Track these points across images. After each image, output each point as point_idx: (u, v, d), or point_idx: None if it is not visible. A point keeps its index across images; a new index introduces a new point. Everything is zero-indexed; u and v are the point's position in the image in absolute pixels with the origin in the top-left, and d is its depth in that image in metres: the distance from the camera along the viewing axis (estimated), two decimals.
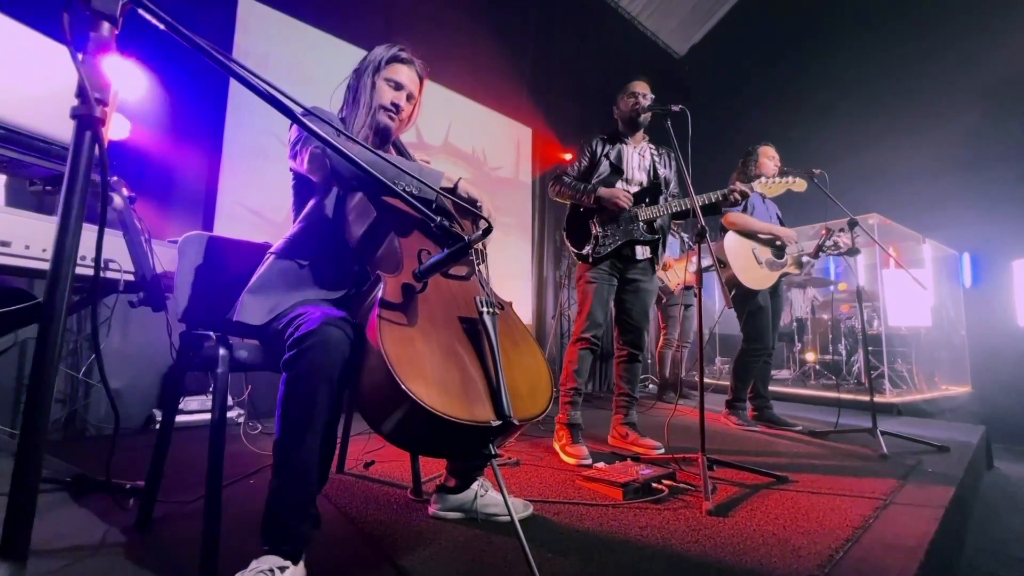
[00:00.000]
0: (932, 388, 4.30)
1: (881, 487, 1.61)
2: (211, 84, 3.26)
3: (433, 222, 0.78)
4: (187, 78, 3.13)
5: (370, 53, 1.29)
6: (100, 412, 2.70)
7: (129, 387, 2.75)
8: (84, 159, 0.53)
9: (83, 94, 0.52)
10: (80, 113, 0.53)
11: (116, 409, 0.85)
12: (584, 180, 2.10)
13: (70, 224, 0.52)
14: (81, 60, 0.52)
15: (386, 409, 0.82)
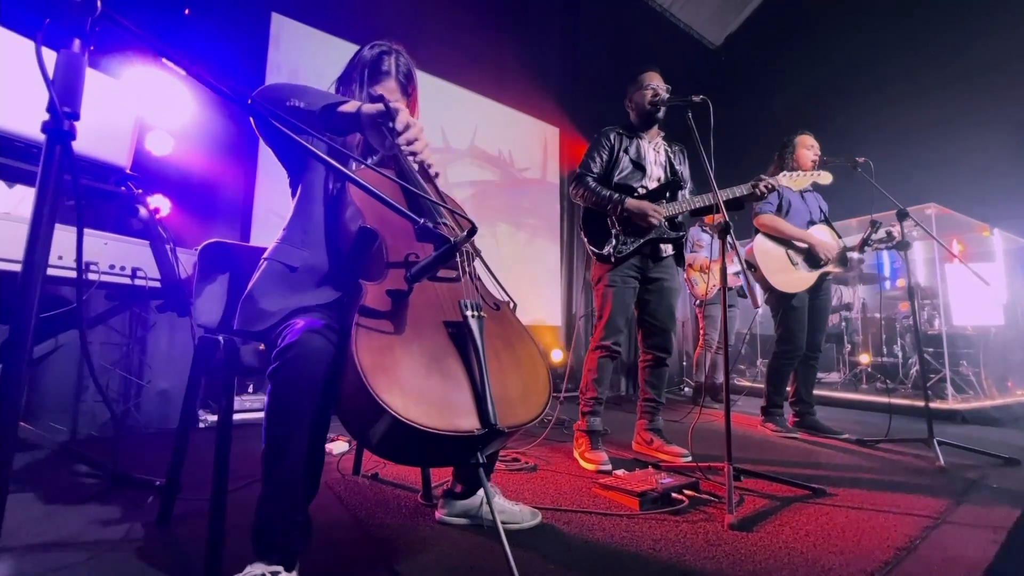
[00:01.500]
0: (1004, 393, 3.90)
1: (934, 504, 1.46)
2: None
3: (416, 223, 0.76)
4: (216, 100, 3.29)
5: (354, 58, 1.26)
6: (151, 411, 2.86)
7: (175, 388, 2.90)
8: (54, 172, 0.54)
9: (53, 108, 0.53)
10: (50, 128, 0.54)
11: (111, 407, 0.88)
12: (606, 177, 2.03)
13: (40, 234, 0.53)
14: (52, 76, 0.54)
15: (364, 420, 0.81)
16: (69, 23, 0.54)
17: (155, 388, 2.86)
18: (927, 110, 5.03)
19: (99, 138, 1.22)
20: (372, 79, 1.23)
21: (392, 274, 0.94)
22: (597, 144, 2.10)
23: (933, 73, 5.04)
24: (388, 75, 1.23)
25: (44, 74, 0.52)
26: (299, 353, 0.82)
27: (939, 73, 4.99)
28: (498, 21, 4.86)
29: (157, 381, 2.86)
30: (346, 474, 1.60)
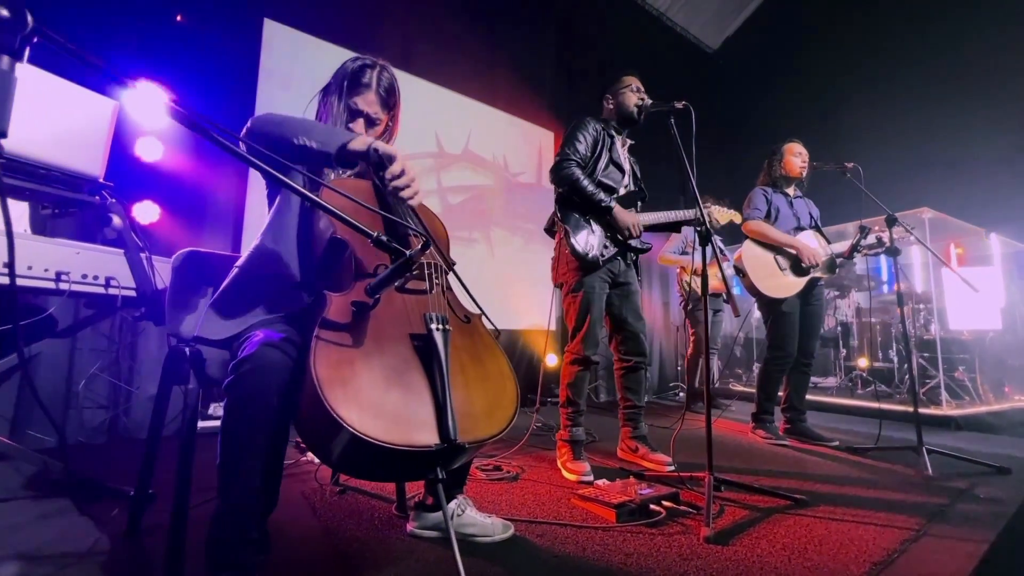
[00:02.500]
0: (1001, 399, 3.86)
1: (917, 515, 1.44)
2: (238, 105, 3.42)
3: (370, 237, 0.75)
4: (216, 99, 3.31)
5: (337, 70, 1.27)
6: (141, 417, 2.85)
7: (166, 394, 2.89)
8: None
9: None
10: None
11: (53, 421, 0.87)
12: (590, 170, 1.97)
13: None
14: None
15: (322, 435, 0.80)
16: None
17: (145, 393, 2.85)
18: (924, 114, 5.02)
19: (70, 147, 1.22)
20: (351, 91, 1.22)
21: (358, 285, 0.93)
22: (581, 128, 2.01)
23: (930, 77, 5.03)
24: (368, 87, 1.22)
25: None
26: (254, 367, 0.82)
27: (936, 77, 4.98)
28: (492, 26, 4.87)
29: (147, 386, 2.85)
30: (324, 483, 1.59)
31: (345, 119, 1.21)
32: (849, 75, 5.84)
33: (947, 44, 4.96)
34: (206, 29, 3.33)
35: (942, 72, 4.96)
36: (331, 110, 1.23)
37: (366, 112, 1.21)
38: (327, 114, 1.24)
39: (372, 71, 1.24)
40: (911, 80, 5.20)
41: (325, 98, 1.27)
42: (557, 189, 2.01)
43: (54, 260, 1.22)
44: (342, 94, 1.23)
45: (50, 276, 1.22)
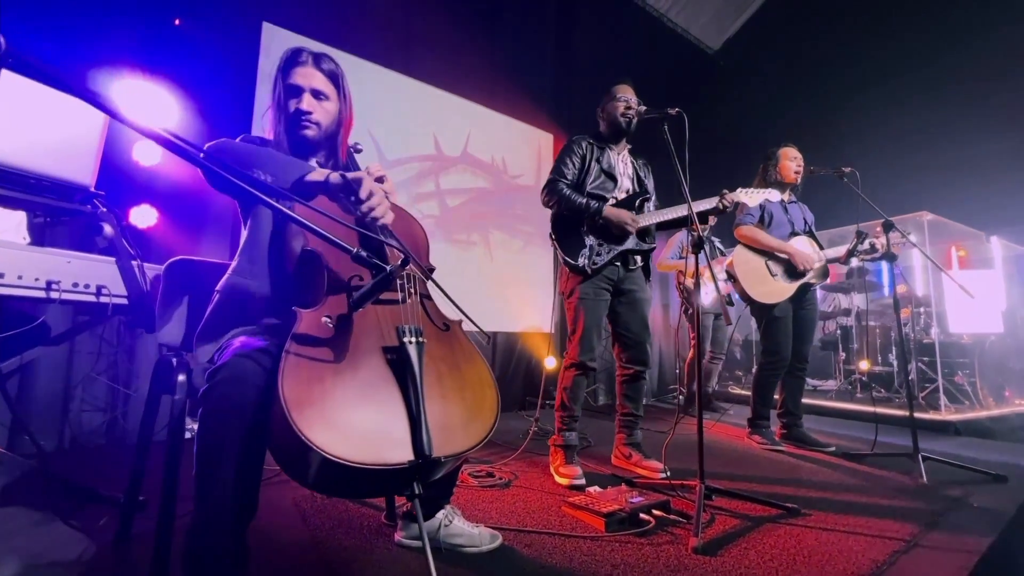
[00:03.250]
0: (1001, 403, 3.84)
1: (908, 525, 1.43)
2: (236, 109, 3.43)
3: (350, 253, 0.75)
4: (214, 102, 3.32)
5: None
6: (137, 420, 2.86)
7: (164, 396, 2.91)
8: None
9: None
10: None
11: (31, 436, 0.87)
12: (578, 186, 2.02)
13: None
14: None
15: (292, 456, 0.79)
16: None
17: (142, 396, 2.86)
18: (925, 116, 4.99)
19: (61, 157, 1.23)
20: (288, 70, 1.19)
21: (331, 300, 0.93)
22: (569, 151, 2.08)
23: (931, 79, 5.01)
24: (304, 63, 1.19)
25: None
26: (228, 376, 0.82)
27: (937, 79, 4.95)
28: (491, 27, 4.86)
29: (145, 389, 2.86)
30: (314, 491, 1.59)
31: (285, 101, 1.16)
32: (850, 77, 5.81)
33: (947, 45, 4.94)
34: (204, 33, 3.33)
35: (943, 74, 4.93)
36: (276, 101, 1.19)
37: (309, 86, 1.16)
38: (274, 107, 1.20)
39: (307, 53, 1.21)
40: (912, 82, 5.17)
41: (272, 95, 1.22)
42: (550, 208, 2.05)
43: (45, 269, 1.22)
44: (282, 79, 1.19)
45: (40, 285, 1.22)
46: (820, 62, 6.19)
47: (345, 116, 1.24)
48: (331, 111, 1.20)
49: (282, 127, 1.18)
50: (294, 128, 1.17)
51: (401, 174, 4.21)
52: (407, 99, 4.28)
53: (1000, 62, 4.61)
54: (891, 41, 5.44)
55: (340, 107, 1.22)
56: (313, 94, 1.17)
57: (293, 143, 1.18)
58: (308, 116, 1.16)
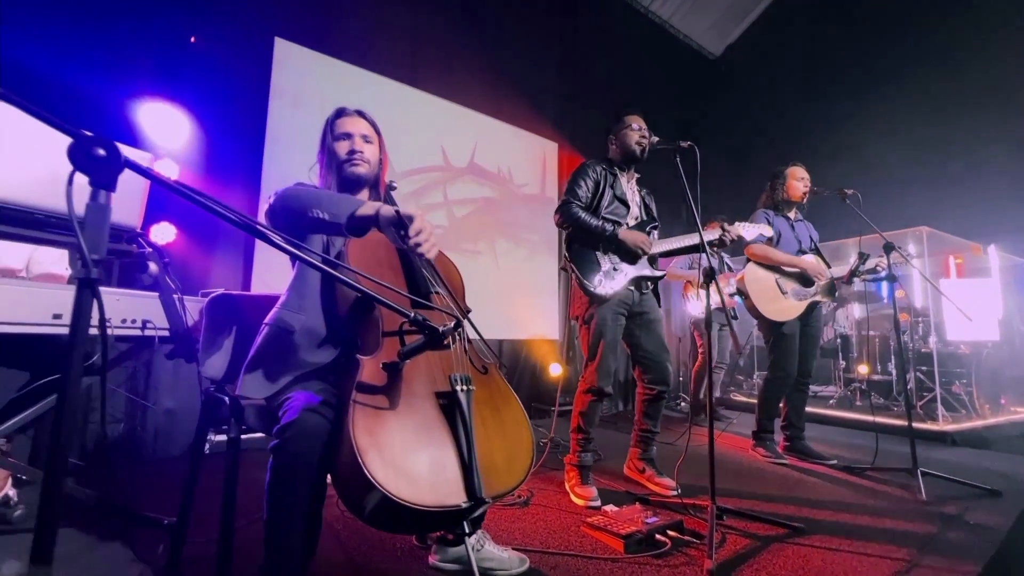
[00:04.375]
0: (998, 412, 3.94)
1: (910, 545, 1.52)
2: (249, 124, 3.49)
3: (407, 318, 0.83)
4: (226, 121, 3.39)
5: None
6: (157, 431, 2.94)
7: (181, 408, 2.99)
8: (85, 314, 0.61)
9: (83, 259, 0.60)
10: (81, 277, 0.61)
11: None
12: (593, 209, 2.06)
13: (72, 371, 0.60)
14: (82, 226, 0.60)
15: (358, 494, 0.87)
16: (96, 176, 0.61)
17: (161, 408, 2.94)
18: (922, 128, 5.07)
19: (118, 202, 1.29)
20: (336, 122, 1.36)
21: (387, 345, 1.01)
22: (582, 174, 2.10)
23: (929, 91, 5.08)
24: (350, 114, 1.37)
25: (75, 227, 0.59)
26: (297, 433, 0.89)
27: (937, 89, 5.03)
28: (497, 38, 4.92)
29: (163, 401, 2.94)
30: (346, 510, 1.67)
31: (335, 146, 1.33)
32: (849, 85, 5.89)
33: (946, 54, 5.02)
34: (219, 50, 3.39)
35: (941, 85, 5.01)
36: (325, 149, 1.36)
37: (357, 132, 1.34)
38: (323, 154, 1.37)
39: (351, 108, 1.39)
40: (911, 91, 5.25)
41: (321, 147, 1.39)
42: (564, 229, 2.09)
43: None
44: (330, 130, 1.36)
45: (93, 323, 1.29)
46: (820, 70, 6.27)
47: (383, 157, 1.40)
48: (375, 152, 1.37)
49: (333, 170, 1.32)
50: (346, 167, 1.31)
51: (409, 185, 4.27)
52: (415, 111, 4.34)
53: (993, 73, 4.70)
54: (891, 51, 5.52)
55: (380, 150, 1.39)
56: (363, 138, 1.33)
57: (343, 182, 1.32)
58: (359, 154, 1.31)
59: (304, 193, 1.11)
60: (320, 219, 1.04)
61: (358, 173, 1.32)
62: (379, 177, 1.39)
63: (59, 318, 1.23)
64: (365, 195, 1.39)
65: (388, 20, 4.24)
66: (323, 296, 1.17)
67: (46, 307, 1.20)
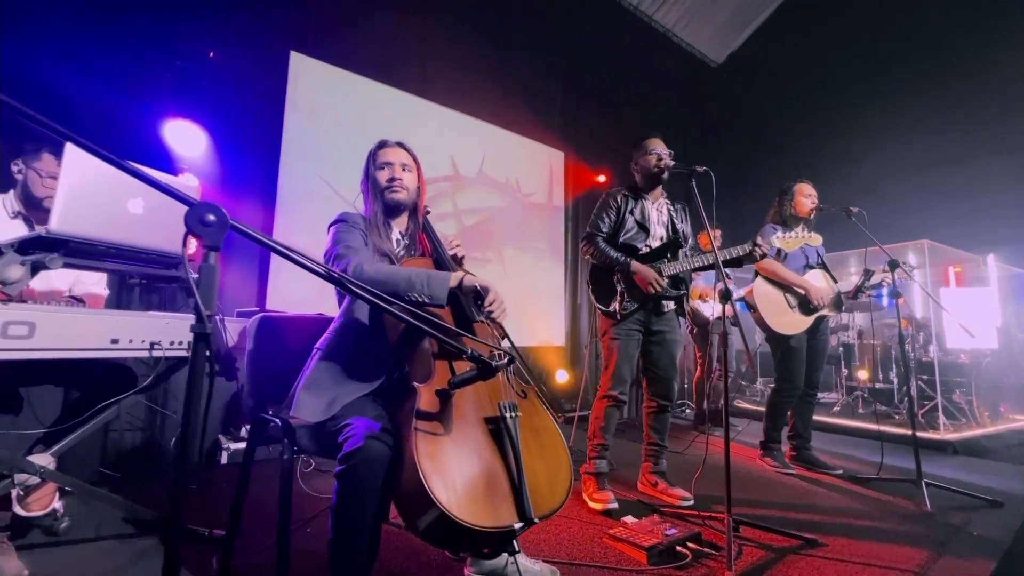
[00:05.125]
0: (997, 420, 4.02)
1: (916, 556, 1.59)
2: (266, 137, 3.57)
3: (465, 354, 0.90)
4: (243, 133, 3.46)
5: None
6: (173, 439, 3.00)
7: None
8: (200, 363, 0.68)
9: (198, 314, 0.67)
10: (197, 331, 0.68)
11: None
12: (613, 237, 2.16)
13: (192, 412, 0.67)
14: (197, 283, 0.67)
15: (420, 514, 0.94)
16: (208, 239, 0.68)
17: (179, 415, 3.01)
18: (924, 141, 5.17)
19: (166, 232, 1.37)
20: (377, 154, 1.45)
21: (439, 372, 1.08)
22: (605, 206, 2.24)
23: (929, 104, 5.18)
24: (390, 145, 1.47)
25: (192, 287, 0.66)
26: (363, 459, 0.96)
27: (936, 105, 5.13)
28: (504, 49, 5.00)
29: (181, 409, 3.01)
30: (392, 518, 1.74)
31: (377, 175, 1.42)
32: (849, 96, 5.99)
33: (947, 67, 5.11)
34: (236, 64, 3.46)
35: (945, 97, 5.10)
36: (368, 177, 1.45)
37: (398, 161, 1.43)
38: (367, 183, 1.46)
39: (392, 140, 1.48)
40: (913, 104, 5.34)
41: (364, 176, 1.48)
42: (588, 258, 2.24)
43: (148, 332, 1.36)
44: (373, 161, 1.46)
45: (145, 347, 1.36)
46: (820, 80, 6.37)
47: (421, 184, 1.50)
48: (414, 179, 1.46)
49: (376, 196, 1.41)
50: (386, 193, 1.41)
51: None
52: (426, 121, 4.41)
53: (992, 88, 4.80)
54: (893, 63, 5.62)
55: (418, 177, 1.48)
56: (402, 167, 1.42)
57: (387, 207, 1.42)
58: (399, 182, 1.41)
59: (391, 275, 1.17)
60: (420, 301, 1.12)
61: (397, 199, 1.41)
62: (417, 203, 1.47)
63: (116, 343, 1.30)
64: (404, 219, 1.48)
65: (399, 33, 4.32)
66: (371, 324, 1.25)
67: (105, 333, 1.27)
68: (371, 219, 1.38)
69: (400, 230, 1.45)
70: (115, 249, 1.28)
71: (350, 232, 1.30)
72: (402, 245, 1.43)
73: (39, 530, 1.53)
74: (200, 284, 0.67)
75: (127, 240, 1.29)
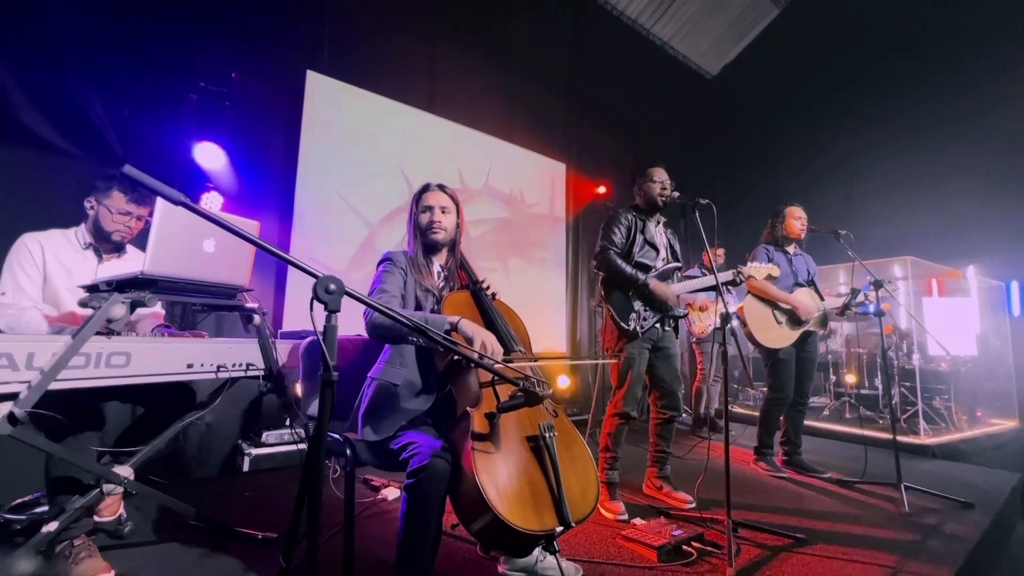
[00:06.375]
0: (974, 424, 4.27)
1: (895, 553, 1.79)
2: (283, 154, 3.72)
3: (517, 385, 1.07)
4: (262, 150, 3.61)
5: None
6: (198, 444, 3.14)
7: (221, 423, 3.20)
8: (327, 408, 0.85)
9: (325, 363, 0.83)
10: (324, 379, 0.84)
11: None
12: (627, 254, 2.29)
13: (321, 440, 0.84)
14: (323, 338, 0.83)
15: (476, 518, 1.12)
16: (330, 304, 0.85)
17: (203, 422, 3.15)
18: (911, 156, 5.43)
19: (229, 266, 1.52)
20: (421, 196, 1.64)
21: (486, 397, 1.26)
22: (616, 221, 2.34)
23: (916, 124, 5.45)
24: (432, 189, 1.64)
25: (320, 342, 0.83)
26: (430, 474, 1.14)
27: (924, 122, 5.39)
28: (508, 65, 5.18)
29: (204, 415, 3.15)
30: None
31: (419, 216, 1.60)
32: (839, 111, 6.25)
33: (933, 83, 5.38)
34: (255, 84, 3.61)
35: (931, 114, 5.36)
36: (413, 219, 1.64)
37: (438, 204, 1.60)
38: (411, 224, 1.64)
39: (434, 184, 1.65)
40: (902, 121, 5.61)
41: (409, 217, 1.66)
42: (600, 272, 2.34)
43: (216, 356, 1.53)
44: (417, 204, 1.64)
45: (212, 369, 1.53)
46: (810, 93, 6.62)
47: (461, 222, 1.66)
48: (453, 220, 1.63)
49: (418, 235, 1.59)
50: (428, 234, 1.58)
51: None
52: (434, 136, 4.58)
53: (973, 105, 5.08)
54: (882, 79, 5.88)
55: (457, 218, 1.64)
56: (441, 210, 1.59)
57: (426, 246, 1.60)
58: (439, 223, 1.58)
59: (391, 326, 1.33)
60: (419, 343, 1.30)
61: (437, 240, 1.59)
62: (456, 240, 1.65)
63: (191, 367, 1.46)
64: (444, 254, 1.65)
65: (410, 52, 4.48)
66: (419, 353, 1.42)
67: (183, 359, 1.43)
68: (414, 257, 1.55)
69: (440, 264, 1.63)
70: (193, 284, 1.43)
71: (391, 275, 1.48)
72: (441, 277, 1.60)
73: (105, 534, 1.68)
74: (325, 339, 0.84)
75: (202, 276, 1.45)
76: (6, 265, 1.58)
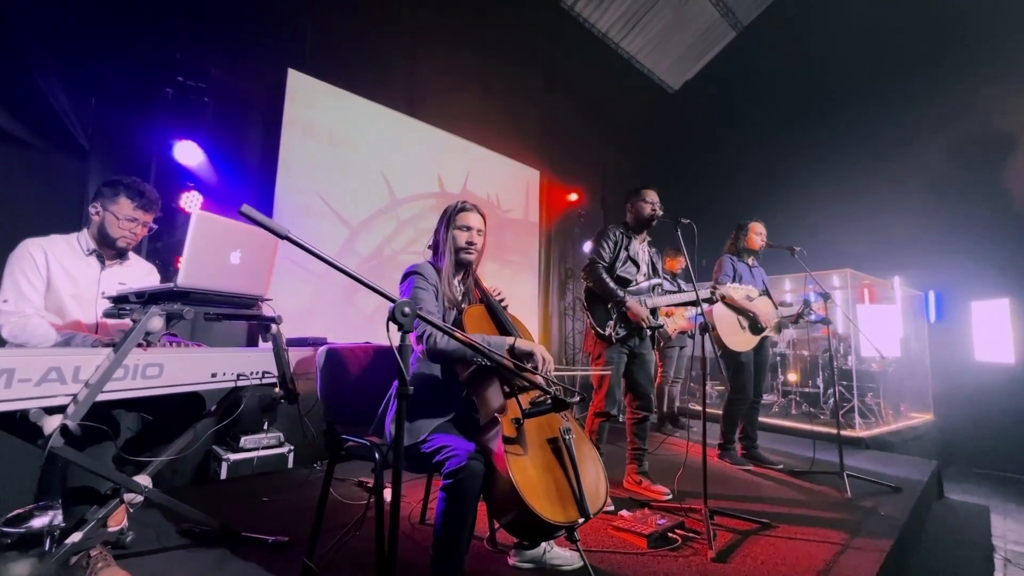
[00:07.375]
0: (899, 418, 4.83)
1: (841, 533, 2.08)
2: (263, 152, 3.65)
3: (548, 392, 1.20)
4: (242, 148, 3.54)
5: (445, 210, 1.72)
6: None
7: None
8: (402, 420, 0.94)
9: (401, 377, 0.93)
10: (400, 393, 0.94)
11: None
12: (611, 268, 2.49)
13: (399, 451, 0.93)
14: (399, 353, 0.93)
15: (510, 514, 1.24)
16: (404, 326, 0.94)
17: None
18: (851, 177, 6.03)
19: (250, 277, 1.56)
20: (458, 215, 1.69)
21: (511, 405, 1.38)
22: (604, 237, 2.55)
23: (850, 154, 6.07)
24: (469, 210, 1.71)
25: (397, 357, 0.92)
26: (469, 474, 1.25)
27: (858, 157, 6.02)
28: (487, 74, 5.29)
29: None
30: (415, 523, 2.00)
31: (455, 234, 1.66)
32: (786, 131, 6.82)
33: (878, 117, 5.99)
34: (236, 81, 3.53)
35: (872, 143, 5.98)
36: (446, 234, 1.69)
37: (475, 226, 1.68)
38: (445, 240, 1.69)
39: (470, 203, 1.73)
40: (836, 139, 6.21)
41: (442, 231, 1.73)
42: (586, 282, 2.52)
43: (236, 365, 1.56)
44: (450, 221, 1.69)
45: (232, 378, 1.56)
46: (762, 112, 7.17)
47: (485, 241, 1.75)
48: (483, 241, 1.72)
49: (450, 253, 1.65)
50: (462, 253, 1.66)
51: (409, 211, 4.55)
52: (415, 141, 4.61)
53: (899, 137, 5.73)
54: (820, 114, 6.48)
55: (484, 241, 1.74)
56: (477, 232, 1.68)
57: (456, 264, 1.67)
58: (475, 246, 1.68)
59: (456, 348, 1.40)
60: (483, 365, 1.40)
61: (469, 259, 1.69)
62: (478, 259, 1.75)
63: (214, 376, 1.49)
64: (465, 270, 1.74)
65: (391, 54, 4.49)
66: (443, 365, 1.52)
67: (208, 368, 1.46)
68: (444, 271, 1.63)
69: (459, 278, 1.72)
70: (222, 296, 1.46)
71: (427, 292, 1.54)
72: (460, 292, 1.70)
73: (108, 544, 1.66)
74: (402, 354, 0.94)
75: (229, 288, 1.48)
76: (7, 271, 1.53)
